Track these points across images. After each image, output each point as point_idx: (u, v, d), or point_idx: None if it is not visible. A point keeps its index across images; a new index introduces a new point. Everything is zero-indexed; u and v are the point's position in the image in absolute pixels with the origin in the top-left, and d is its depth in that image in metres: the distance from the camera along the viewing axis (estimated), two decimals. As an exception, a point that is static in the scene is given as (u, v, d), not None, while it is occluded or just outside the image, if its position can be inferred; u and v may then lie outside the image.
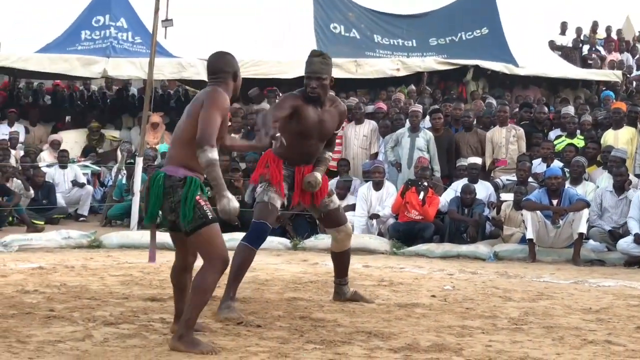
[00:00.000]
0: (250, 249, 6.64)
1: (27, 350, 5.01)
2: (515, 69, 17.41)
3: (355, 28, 18.29)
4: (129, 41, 17.05)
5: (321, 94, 6.68)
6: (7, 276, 8.03)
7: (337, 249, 7.18)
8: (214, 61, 5.64)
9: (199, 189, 5.27)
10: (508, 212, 11.57)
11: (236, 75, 5.55)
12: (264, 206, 6.71)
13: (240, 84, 5.62)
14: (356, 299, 7.15)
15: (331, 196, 7.03)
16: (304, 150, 6.79)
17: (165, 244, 10.68)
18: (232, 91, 5.52)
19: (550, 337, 5.92)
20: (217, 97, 5.30)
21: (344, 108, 7.01)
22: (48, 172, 14.32)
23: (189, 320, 5.15)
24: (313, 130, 6.70)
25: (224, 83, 5.49)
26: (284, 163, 6.80)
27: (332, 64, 6.81)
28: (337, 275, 7.24)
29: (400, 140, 13.00)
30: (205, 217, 5.22)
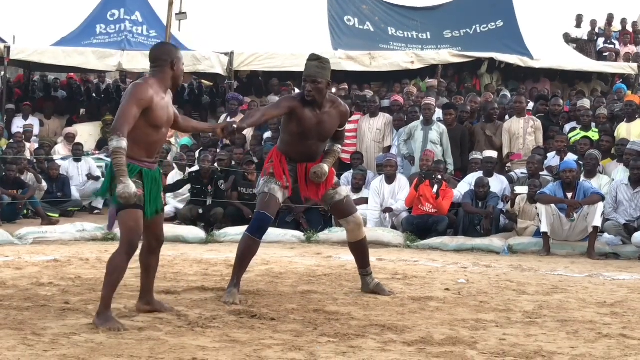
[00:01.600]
0: (250, 238, 6.84)
1: (42, 343, 5.04)
2: (530, 61, 17.36)
3: (369, 20, 18.26)
4: (143, 35, 17.08)
5: (316, 97, 6.82)
6: (22, 269, 8.07)
7: (351, 239, 7.28)
8: (153, 50, 6.01)
9: (133, 176, 5.64)
10: (522, 206, 11.53)
11: (173, 64, 5.84)
12: (263, 197, 6.90)
13: (181, 72, 5.91)
14: (376, 292, 7.21)
15: (336, 188, 7.12)
16: (305, 150, 6.96)
17: (179, 237, 10.75)
18: (171, 78, 5.86)
19: (565, 331, 5.91)
20: (134, 91, 5.64)
21: (345, 109, 7.09)
22: (62, 165, 14.36)
23: (103, 297, 5.57)
24: (312, 131, 6.87)
25: (161, 71, 5.83)
26: (286, 159, 6.97)
27: (329, 67, 6.93)
28: (359, 266, 7.36)
29: (414, 134, 12.97)
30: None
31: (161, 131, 5.83)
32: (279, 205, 7.00)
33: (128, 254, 5.64)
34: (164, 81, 5.83)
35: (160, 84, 5.82)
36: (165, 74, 5.84)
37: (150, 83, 5.75)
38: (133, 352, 4.90)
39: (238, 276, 6.81)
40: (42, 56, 16.51)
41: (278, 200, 6.90)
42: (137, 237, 5.67)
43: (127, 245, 5.63)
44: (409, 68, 17.13)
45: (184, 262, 8.88)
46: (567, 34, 20.99)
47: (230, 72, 16.74)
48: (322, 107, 6.88)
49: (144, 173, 5.76)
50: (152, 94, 5.68)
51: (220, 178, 12.54)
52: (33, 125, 16.39)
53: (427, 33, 18.27)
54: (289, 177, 6.94)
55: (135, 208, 5.63)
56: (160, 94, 5.78)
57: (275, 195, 6.87)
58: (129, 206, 5.59)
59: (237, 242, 10.53)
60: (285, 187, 6.93)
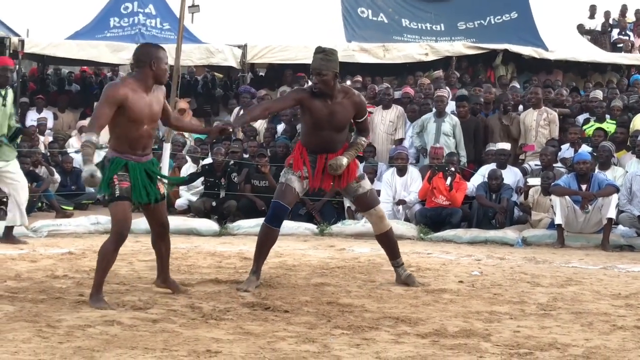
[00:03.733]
0: (268, 227, 7.08)
1: (57, 335, 5.06)
2: (544, 53, 17.28)
3: (383, 12, 18.20)
4: (157, 27, 17.12)
5: (323, 89, 6.94)
6: (37, 261, 8.10)
7: (376, 232, 7.39)
8: (135, 52, 6.37)
9: (118, 169, 6.11)
10: (536, 198, 11.49)
11: (152, 64, 6.15)
12: (280, 187, 7.10)
13: (162, 71, 6.22)
14: (406, 283, 7.28)
15: (360, 181, 7.20)
16: (320, 141, 7.08)
17: (193, 229, 10.77)
18: (152, 77, 6.18)
19: (579, 323, 5.90)
20: (106, 91, 6.05)
21: (359, 99, 7.17)
22: (76, 158, 14.38)
23: (94, 281, 6.07)
24: (324, 121, 6.99)
25: (142, 72, 6.18)
26: (307, 151, 7.09)
27: (336, 59, 7.02)
28: (389, 258, 7.47)
29: (426, 126, 12.95)
30: (112, 195, 6.10)
31: (142, 127, 6.15)
32: (296, 196, 7.11)
33: (116, 243, 6.09)
34: (144, 80, 6.17)
35: (140, 83, 6.16)
36: (144, 74, 6.17)
37: (126, 82, 6.15)
38: (147, 344, 4.91)
39: (257, 264, 7.06)
40: (56, 50, 16.57)
41: (295, 191, 7.03)
42: (125, 228, 6.11)
43: (115, 234, 6.11)
44: (423, 60, 17.09)
45: (198, 254, 8.89)
46: (581, 25, 20.90)
47: (244, 64, 16.74)
48: (334, 97, 6.98)
49: (129, 166, 6.16)
50: (125, 91, 6.03)
51: (233, 171, 12.55)
52: (47, 119, 16.44)
53: (441, 24, 18.21)
54: (309, 168, 7.05)
55: (122, 200, 6.09)
56: (139, 92, 6.12)
57: (292, 185, 7.02)
58: (115, 199, 6.08)
59: (250, 234, 10.79)
60: (304, 178, 7.05)
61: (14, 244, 9.32)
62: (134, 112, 6.05)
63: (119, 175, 6.11)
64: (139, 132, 6.15)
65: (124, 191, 6.10)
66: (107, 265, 6.12)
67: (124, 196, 6.09)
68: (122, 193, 6.09)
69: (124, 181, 6.10)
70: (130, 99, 6.03)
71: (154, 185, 6.33)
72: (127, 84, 6.11)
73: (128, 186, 6.12)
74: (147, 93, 6.17)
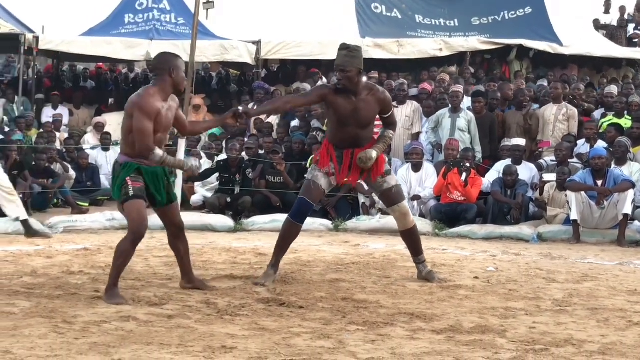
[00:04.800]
0: (290, 222, 7.15)
1: (72, 331, 5.08)
2: (559, 48, 17.20)
3: (396, 8, 18.16)
4: (172, 23, 17.13)
5: (347, 85, 6.99)
6: (53, 257, 8.13)
7: (400, 228, 7.42)
8: (154, 60, 6.55)
9: (131, 172, 6.21)
10: (552, 193, 11.45)
11: (172, 72, 6.26)
12: (306, 183, 7.19)
13: (180, 79, 6.33)
14: (427, 279, 7.30)
15: (386, 177, 7.24)
16: (346, 136, 7.13)
17: (208, 225, 10.78)
18: (171, 85, 6.29)
19: (595, 319, 5.89)
20: (142, 105, 6.13)
21: (383, 95, 7.21)
22: (91, 154, 14.44)
23: (110, 277, 6.14)
24: (348, 118, 7.04)
25: (162, 79, 6.27)
26: (334, 147, 7.15)
27: (360, 56, 7.09)
28: (411, 254, 7.50)
29: (441, 121, 12.91)
30: (127, 194, 6.17)
31: (157, 135, 6.25)
32: (322, 192, 7.22)
33: (134, 241, 6.18)
34: (164, 89, 6.27)
35: (161, 92, 6.26)
36: (164, 82, 6.28)
37: (151, 93, 6.22)
38: (163, 339, 4.92)
39: (277, 258, 7.16)
40: (71, 46, 16.62)
41: (321, 188, 7.12)
42: (142, 226, 6.17)
43: (132, 234, 6.18)
44: (437, 55, 17.05)
45: (213, 250, 8.91)
46: (596, 20, 20.82)
47: (258, 60, 16.75)
48: (358, 94, 7.02)
49: (142, 170, 6.26)
50: (158, 105, 6.19)
51: (248, 167, 12.55)
52: (62, 115, 16.48)
53: (454, 20, 18.16)
54: (335, 165, 7.12)
55: (136, 199, 6.17)
56: (161, 102, 6.24)
57: (318, 182, 7.10)
58: (129, 198, 6.16)
59: (265, 230, 10.80)
60: (330, 175, 7.13)
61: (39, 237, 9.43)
62: (156, 123, 6.17)
63: (132, 177, 6.22)
64: (154, 140, 6.21)
65: (138, 190, 6.19)
66: (124, 263, 6.20)
67: (138, 195, 6.18)
68: (135, 192, 6.18)
69: (136, 181, 6.21)
70: (159, 111, 6.18)
71: (169, 187, 6.50)
72: (154, 96, 6.19)
73: (141, 186, 6.22)
74: (165, 102, 6.28)
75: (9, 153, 12.30)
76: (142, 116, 6.10)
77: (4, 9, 16.80)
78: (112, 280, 6.12)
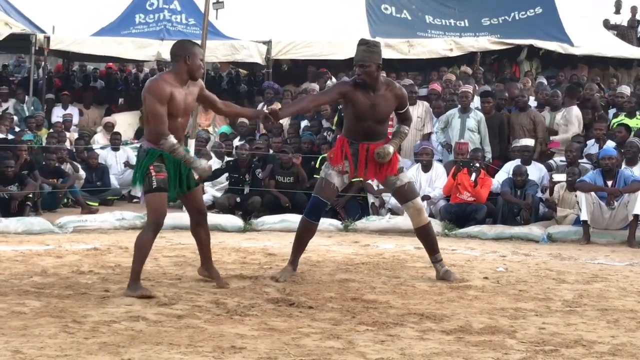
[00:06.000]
0: (306, 221, 7.28)
1: (82, 331, 5.09)
2: (570, 48, 17.19)
3: (406, 9, 18.17)
4: (182, 23, 17.17)
5: (367, 80, 7.07)
6: (63, 257, 8.14)
7: (414, 225, 7.45)
8: (172, 47, 6.58)
9: (154, 160, 6.31)
10: (562, 194, 11.42)
11: (187, 58, 6.36)
12: (320, 182, 7.30)
13: (196, 66, 6.41)
14: (444, 279, 7.32)
15: (399, 174, 7.27)
16: (362, 131, 7.20)
17: (217, 225, 10.78)
18: (187, 72, 6.39)
19: (605, 320, 5.87)
20: (152, 88, 6.26)
21: (400, 91, 7.28)
22: (101, 154, 14.46)
23: (132, 271, 6.27)
24: (366, 113, 7.11)
25: (177, 66, 6.39)
26: (348, 142, 7.21)
27: (379, 51, 7.17)
28: (428, 254, 7.53)
29: (451, 122, 12.88)
30: (149, 185, 6.30)
31: (177, 120, 6.38)
32: (335, 190, 7.30)
33: (154, 232, 6.35)
34: (180, 74, 6.38)
35: (177, 77, 6.37)
36: (180, 68, 6.39)
37: (165, 78, 6.38)
38: (172, 339, 4.93)
39: (295, 256, 7.32)
40: (81, 46, 16.66)
41: (334, 186, 7.21)
42: (161, 217, 6.34)
43: (153, 224, 6.34)
44: (448, 55, 17.05)
45: (222, 250, 8.91)
46: (607, 20, 20.77)
47: (268, 60, 16.77)
48: (377, 90, 7.11)
49: (164, 156, 6.35)
50: (169, 89, 6.27)
51: (258, 167, 12.56)
52: (72, 115, 16.51)
53: (465, 20, 18.15)
54: (350, 162, 7.18)
55: (159, 191, 6.29)
56: (177, 86, 6.33)
57: (331, 180, 7.19)
58: (152, 190, 6.28)
59: (275, 230, 10.81)
60: (344, 173, 7.20)
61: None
62: (173, 106, 6.29)
63: (156, 166, 6.32)
64: (174, 125, 6.33)
65: (161, 182, 6.31)
66: (145, 254, 6.35)
67: (160, 187, 6.30)
68: (159, 184, 6.30)
69: (160, 172, 6.32)
70: (173, 95, 6.27)
71: (190, 174, 6.55)
72: (166, 80, 6.32)
73: (165, 177, 6.33)
74: (182, 87, 6.38)
75: (19, 153, 12.33)
76: (152, 100, 6.23)
77: (15, 9, 16.85)
78: (135, 273, 6.27)
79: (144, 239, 6.33)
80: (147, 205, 6.47)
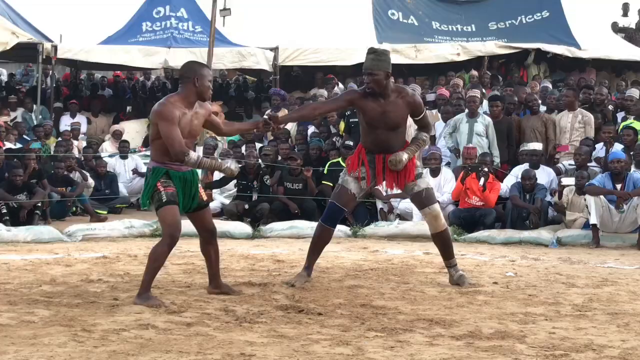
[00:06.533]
0: (322, 226, 7.33)
1: (92, 339, 5.09)
2: (577, 51, 17.17)
3: (413, 15, 18.19)
4: (189, 30, 17.21)
5: (376, 88, 7.06)
6: (72, 265, 8.16)
7: (431, 231, 7.45)
8: (180, 69, 6.69)
9: (160, 177, 6.34)
10: (571, 197, 11.40)
11: (196, 80, 6.39)
12: (336, 188, 7.37)
13: (205, 88, 6.43)
14: (457, 283, 7.32)
15: (416, 180, 7.26)
16: (376, 140, 7.21)
17: (226, 232, 10.78)
18: (195, 94, 6.41)
19: (615, 324, 5.85)
20: (161, 112, 6.27)
21: (412, 98, 7.25)
22: (109, 162, 14.48)
23: (144, 281, 6.28)
24: (378, 121, 7.12)
25: (186, 87, 6.41)
26: (366, 151, 7.23)
27: (387, 59, 7.18)
28: (442, 258, 7.52)
29: (459, 126, 12.87)
30: (160, 200, 6.30)
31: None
32: (351, 196, 7.27)
33: (169, 246, 6.31)
34: (188, 97, 6.40)
35: (184, 100, 6.39)
36: (188, 90, 6.40)
37: (171, 101, 6.36)
38: (182, 347, 4.93)
39: (310, 261, 7.35)
40: (89, 55, 16.73)
41: (350, 192, 7.21)
42: (176, 230, 6.29)
43: (168, 238, 6.30)
44: (455, 60, 17.05)
45: (231, 257, 8.91)
46: (615, 23, 20.73)
47: (275, 67, 16.79)
48: (387, 97, 7.10)
49: (170, 174, 6.38)
50: (176, 111, 6.29)
51: (266, 173, 12.56)
52: (80, 123, 16.56)
53: (471, 25, 18.16)
54: (367, 169, 7.19)
55: (170, 204, 6.29)
56: (183, 109, 6.35)
57: (347, 186, 7.21)
58: (163, 204, 6.28)
59: (283, 237, 10.81)
60: (360, 179, 7.20)
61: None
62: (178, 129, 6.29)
63: (162, 182, 6.34)
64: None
65: (170, 195, 6.31)
66: (158, 266, 6.35)
67: (170, 200, 6.30)
68: (168, 198, 6.30)
69: (168, 187, 6.33)
70: (180, 118, 6.29)
71: (195, 193, 6.53)
72: (174, 104, 6.32)
73: (174, 191, 6.33)
74: (189, 110, 6.40)
75: (28, 162, 12.36)
76: (165, 123, 6.23)
77: (22, 19, 16.92)
78: (146, 284, 6.27)
79: (158, 251, 6.30)
80: (160, 222, 6.45)
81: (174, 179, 6.37)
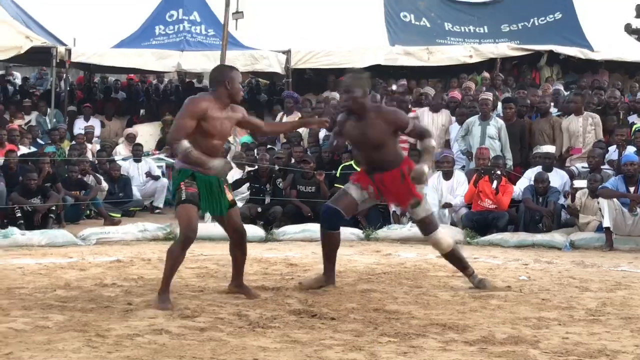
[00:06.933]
0: (322, 231, 7.28)
1: (106, 344, 5.11)
2: (590, 53, 17.13)
3: (425, 17, 18.18)
4: (202, 34, 17.25)
5: (352, 107, 7.10)
6: (86, 270, 8.19)
7: (439, 252, 7.47)
8: (211, 73, 6.92)
9: (185, 178, 6.43)
10: (584, 200, 11.37)
11: (227, 83, 6.53)
12: (338, 192, 7.42)
13: (236, 90, 6.59)
14: (478, 287, 7.33)
15: (415, 208, 7.20)
16: (365, 160, 7.26)
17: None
18: (227, 96, 6.54)
19: (629, 329, 5.84)
20: (188, 104, 6.43)
21: (390, 115, 7.17)
22: (123, 165, 14.52)
23: (162, 282, 6.38)
24: (357, 141, 7.21)
25: (218, 90, 6.55)
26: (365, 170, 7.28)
27: (365, 79, 7.27)
28: (460, 271, 7.51)
29: (471, 129, 12.85)
30: (179, 199, 6.41)
31: (213, 141, 6.50)
32: (350, 200, 7.21)
33: (184, 245, 6.41)
34: (221, 99, 6.52)
35: (218, 101, 6.50)
36: (220, 92, 6.54)
37: (205, 97, 6.53)
38: (195, 353, 4.94)
39: (324, 268, 7.32)
40: (102, 58, 16.77)
41: (351, 197, 7.19)
42: (190, 231, 6.36)
43: (182, 236, 6.40)
44: (467, 62, 17.03)
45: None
46: (628, 24, 20.64)
47: (288, 70, 16.81)
48: (365, 117, 7.05)
49: (196, 176, 6.45)
50: (206, 105, 6.42)
51: (279, 176, 12.58)
52: (94, 127, 16.60)
53: (484, 27, 18.14)
54: (372, 185, 7.16)
55: (187, 203, 6.38)
56: (216, 109, 6.47)
57: (349, 192, 7.22)
58: (180, 202, 6.38)
59: (296, 240, 10.82)
60: (365, 188, 7.18)
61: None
62: (209, 127, 6.41)
63: (186, 182, 6.44)
64: (209, 146, 6.44)
65: (190, 195, 6.39)
66: (174, 266, 6.43)
67: (189, 199, 6.38)
68: (187, 197, 6.39)
69: (190, 187, 6.42)
70: (209, 113, 6.39)
71: (222, 196, 6.61)
72: (207, 99, 6.47)
73: (195, 191, 6.42)
74: (222, 111, 6.51)
75: (42, 165, 12.42)
76: (184, 111, 6.38)
77: (36, 22, 16.97)
78: (164, 284, 6.36)
79: (173, 251, 6.40)
80: (177, 219, 6.54)
81: (198, 181, 6.45)
